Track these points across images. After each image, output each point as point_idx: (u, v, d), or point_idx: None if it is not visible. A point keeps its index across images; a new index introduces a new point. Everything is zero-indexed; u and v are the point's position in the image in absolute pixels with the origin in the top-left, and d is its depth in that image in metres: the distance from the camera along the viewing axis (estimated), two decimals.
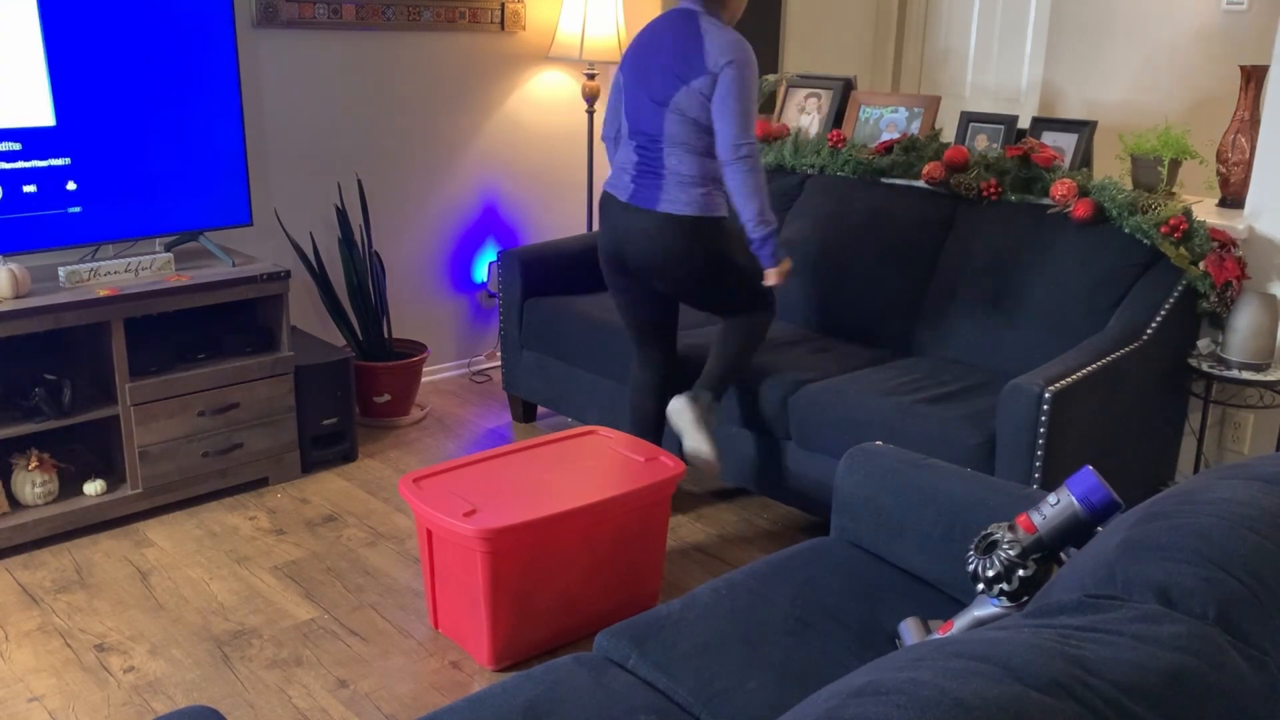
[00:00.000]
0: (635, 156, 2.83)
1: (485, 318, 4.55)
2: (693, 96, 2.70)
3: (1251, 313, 2.89)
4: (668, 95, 2.73)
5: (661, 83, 2.75)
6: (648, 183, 2.77)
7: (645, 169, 2.80)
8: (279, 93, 3.76)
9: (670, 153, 2.75)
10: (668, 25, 2.79)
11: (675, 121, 2.73)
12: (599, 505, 2.48)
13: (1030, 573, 1.58)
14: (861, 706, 0.88)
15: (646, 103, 2.79)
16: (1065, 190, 3.09)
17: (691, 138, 2.74)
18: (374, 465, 3.59)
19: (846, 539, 2.17)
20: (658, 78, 2.76)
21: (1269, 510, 1.16)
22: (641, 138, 2.81)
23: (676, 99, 2.71)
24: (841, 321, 3.47)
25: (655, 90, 2.76)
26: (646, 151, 2.80)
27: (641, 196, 2.77)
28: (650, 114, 2.77)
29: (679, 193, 2.74)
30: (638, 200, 2.78)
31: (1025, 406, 2.55)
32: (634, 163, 2.83)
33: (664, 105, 2.73)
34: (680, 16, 2.77)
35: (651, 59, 2.78)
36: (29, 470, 2.99)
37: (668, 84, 2.73)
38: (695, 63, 2.68)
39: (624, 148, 2.90)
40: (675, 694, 1.69)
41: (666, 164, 2.75)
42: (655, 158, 2.78)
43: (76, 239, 3.07)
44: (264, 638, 2.60)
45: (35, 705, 2.34)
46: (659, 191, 2.74)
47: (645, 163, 2.80)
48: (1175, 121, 4.09)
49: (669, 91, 2.73)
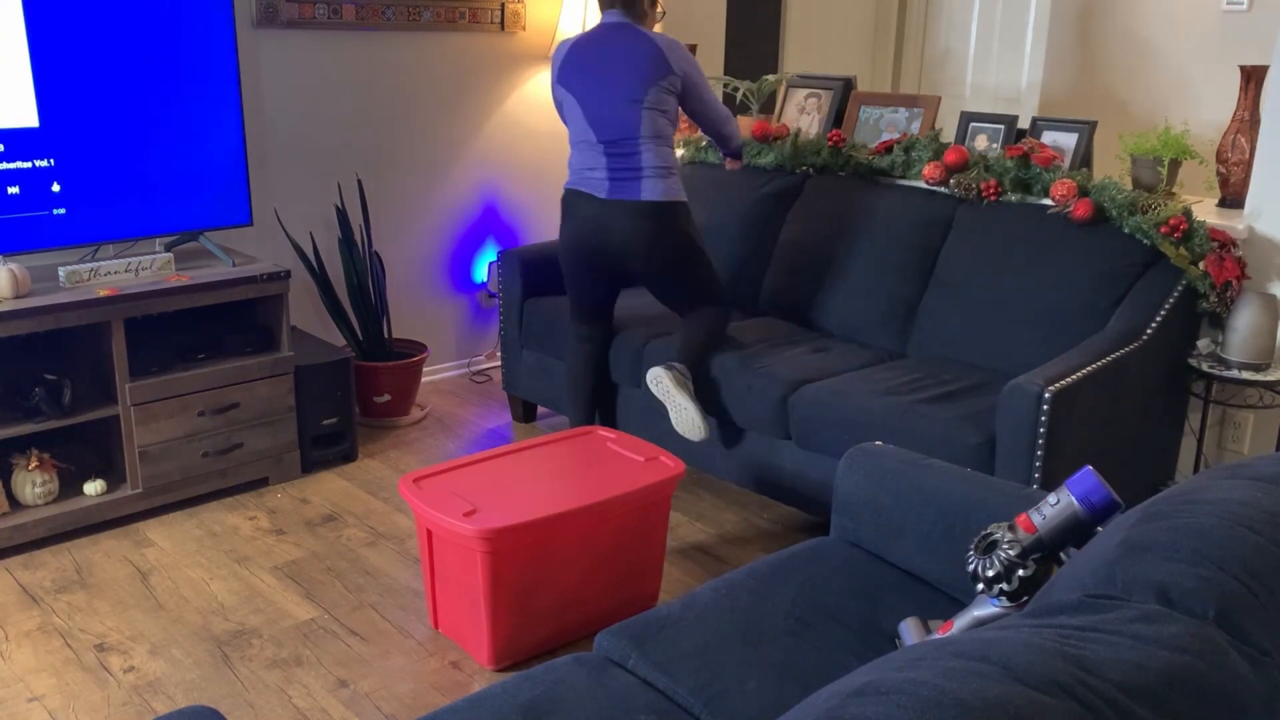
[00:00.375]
0: (605, 158, 3.07)
1: (485, 318, 4.55)
2: (663, 93, 3.02)
3: (1251, 313, 2.89)
4: (641, 94, 3.01)
5: (629, 84, 3.02)
6: (625, 177, 3.03)
7: (620, 166, 3.05)
8: (279, 93, 3.76)
9: (645, 147, 3.03)
10: (609, 35, 3.08)
11: (651, 117, 3.02)
12: (599, 505, 2.48)
13: (1030, 573, 1.58)
14: (861, 706, 0.88)
15: (619, 103, 3.03)
16: (1065, 190, 3.09)
17: (665, 129, 3.07)
18: (374, 465, 3.59)
19: (846, 539, 2.17)
20: (623, 80, 3.02)
21: (1269, 510, 1.16)
22: (612, 138, 3.05)
23: (650, 96, 3.01)
24: (841, 321, 3.47)
25: (627, 90, 3.02)
26: (618, 149, 3.05)
27: (620, 190, 3.03)
28: (625, 113, 3.03)
29: (656, 182, 3.03)
30: (617, 194, 3.03)
31: (1025, 406, 2.55)
32: (604, 164, 3.07)
33: (639, 103, 3.01)
34: (617, 29, 3.08)
35: (609, 66, 3.04)
36: (29, 470, 2.99)
37: (636, 84, 3.01)
38: (660, 64, 3.01)
39: (586, 151, 3.12)
40: (675, 694, 1.69)
41: (643, 159, 3.03)
42: (630, 154, 3.04)
43: (63, 240, 3.06)
44: (264, 638, 2.60)
45: (35, 705, 2.34)
46: (638, 184, 3.02)
47: (619, 160, 3.05)
48: (1175, 121, 4.09)
49: (642, 90, 3.01)
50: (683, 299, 3.10)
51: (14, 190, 2.96)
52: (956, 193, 3.34)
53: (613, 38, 3.07)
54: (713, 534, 3.18)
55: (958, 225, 3.33)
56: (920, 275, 3.35)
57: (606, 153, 3.06)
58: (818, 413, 2.93)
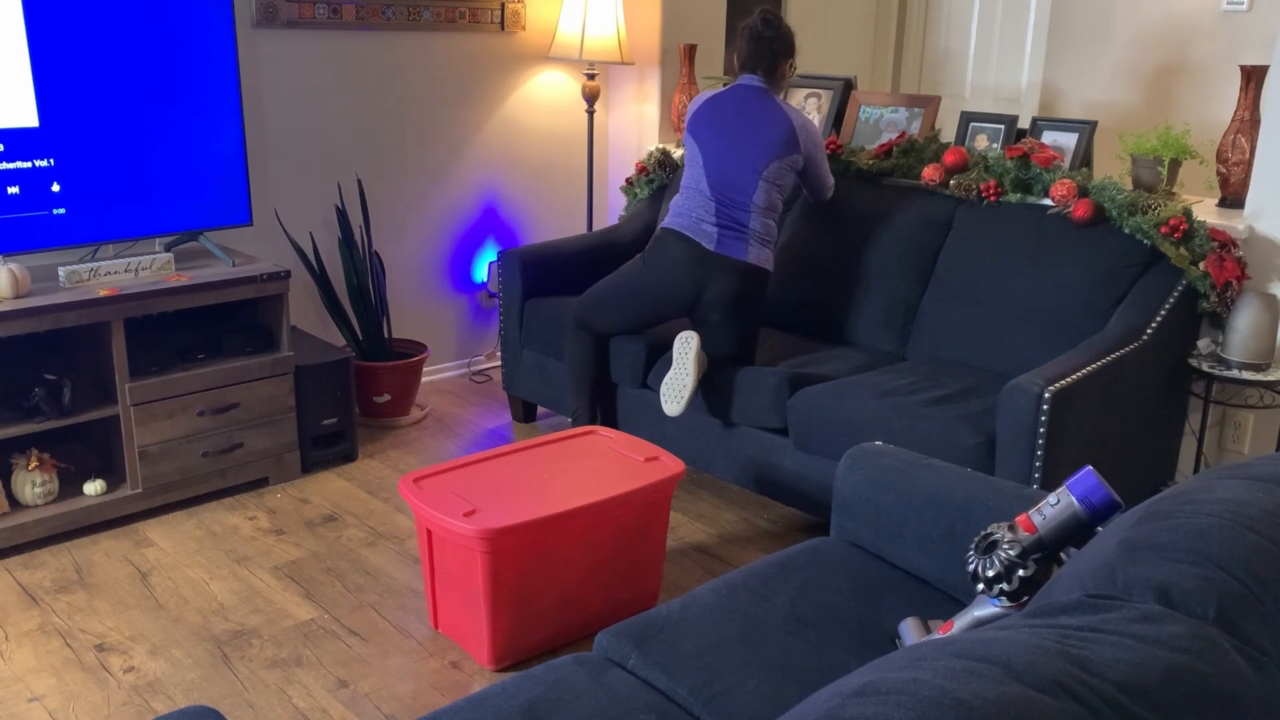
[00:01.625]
0: (715, 215, 3.20)
1: (485, 318, 4.55)
2: (784, 169, 3.18)
3: (1251, 313, 2.89)
4: (763, 165, 3.15)
5: (756, 154, 3.15)
6: (732, 236, 3.18)
7: (728, 224, 3.19)
8: (279, 93, 3.76)
9: (754, 215, 3.18)
10: (749, 101, 3.20)
11: (766, 189, 3.17)
12: (599, 505, 2.48)
13: (1030, 573, 1.58)
14: (862, 706, 0.88)
15: (741, 168, 3.17)
16: (1065, 190, 3.09)
17: (776, 203, 3.22)
18: (374, 465, 3.59)
19: (846, 539, 2.17)
20: (752, 149, 3.16)
21: (1269, 510, 1.16)
22: (727, 196, 3.19)
23: (770, 169, 3.15)
24: (841, 323, 3.47)
25: (752, 160, 3.16)
26: (729, 209, 3.19)
27: (728, 247, 3.18)
28: (743, 178, 3.17)
29: (760, 249, 3.20)
30: (723, 250, 3.18)
31: (1025, 406, 2.55)
32: (714, 215, 3.20)
33: (758, 173, 3.15)
34: (757, 95, 3.21)
35: (741, 131, 3.18)
36: (29, 470, 2.99)
37: (762, 156, 3.15)
38: (790, 143, 3.16)
39: (698, 197, 3.23)
40: (675, 694, 1.69)
41: (750, 225, 3.18)
42: (740, 218, 3.18)
43: (63, 240, 3.06)
44: (264, 638, 2.60)
45: (35, 705, 2.34)
46: (744, 245, 3.18)
47: (728, 218, 3.19)
48: (1175, 121, 4.09)
49: (765, 163, 3.15)
50: (731, 351, 3.20)
51: (14, 190, 2.96)
52: (956, 194, 3.34)
53: (751, 105, 3.19)
54: (713, 534, 3.18)
55: (957, 226, 3.33)
56: (920, 276, 3.35)
57: (719, 207, 3.19)
58: (818, 415, 2.93)
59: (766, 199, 3.17)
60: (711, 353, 3.18)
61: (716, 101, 3.25)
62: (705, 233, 3.19)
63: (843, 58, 5.40)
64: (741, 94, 3.22)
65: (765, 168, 3.14)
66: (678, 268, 3.21)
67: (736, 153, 3.17)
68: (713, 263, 3.17)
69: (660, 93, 4.43)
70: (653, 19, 4.37)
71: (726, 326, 3.19)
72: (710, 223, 3.19)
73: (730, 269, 3.16)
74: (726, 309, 3.18)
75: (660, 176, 4.14)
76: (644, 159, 4.20)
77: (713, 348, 3.19)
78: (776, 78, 3.24)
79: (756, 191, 3.15)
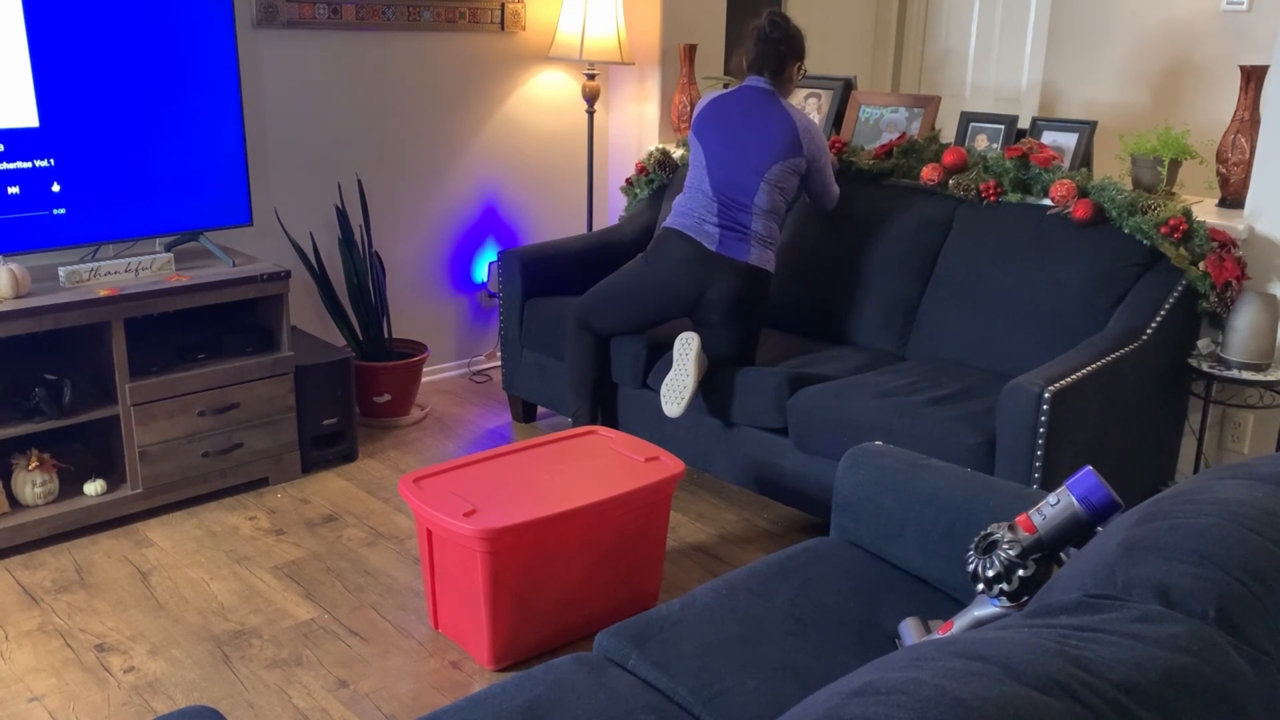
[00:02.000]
0: (717, 214, 3.19)
1: (485, 318, 4.55)
2: (786, 172, 3.17)
3: (1251, 313, 2.89)
4: (766, 168, 3.14)
5: (759, 156, 3.15)
6: (734, 237, 3.18)
7: (730, 225, 3.18)
8: (279, 93, 3.76)
9: (756, 218, 3.18)
10: (754, 102, 3.20)
11: (768, 191, 3.15)
12: (599, 505, 2.48)
13: (1030, 573, 1.58)
14: (861, 706, 0.88)
15: (744, 170, 3.16)
16: (1065, 191, 3.09)
17: (779, 206, 3.21)
18: (374, 465, 3.59)
19: (846, 539, 2.17)
20: (755, 151, 3.15)
21: (1269, 510, 1.16)
22: (729, 197, 3.18)
23: (773, 171, 3.14)
24: (841, 323, 3.47)
25: (755, 161, 3.15)
26: (731, 210, 3.18)
27: (729, 248, 3.17)
28: (745, 180, 3.16)
29: (761, 250, 3.20)
30: (725, 250, 3.17)
31: (1025, 406, 2.55)
32: (716, 216, 3.19)
33: (760, 175, 3.14)
34: (763, 97, 3.20)
35: (745, 133, 3.18)
36: (29, 470, 2.99)
37: (765, 158, 3.14)
38: (793, 146, 3.15)
39: (700, 198, 3.23)
40: (675, 694, 1.69)
41: (752, 226, 3.18)
42: (742, 219, 3.18)
43: (63, 240, 3.06)
44: (264, 638, 2.60)
45: (35, 705, 2.34)
46: (746, 247, 3.17)
47: (730, 219, 3.18)
48: (1175, 121, 4.09)
49: (768, 165, 3.14)
50: (732, 352, 3.20)
51: (14, 190, 2.96)
52: (956, 194, 3.34)
53: (756, 106, 3.19)
54: (713, 534, 3.18)
55: (957, 226, 3.33)
56: (920, 276, 3.35)
57: (721, 208, 3.19)
58: (817, 415, 2.93)
59: (768, 201, 3.16)
60: (712, 353, 3.18)
61: (721, 102, 3.25)
62: (707, 233, 3.19)
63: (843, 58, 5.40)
64: (747, 95, 3.23)
65: (768, 170, 3.14)
66: (679, 267, 3.21)
67: (739, 154, 3.17)
68: (714, 263, 3.17)
69: (660, 93, 4.43)
70: (653, 19, 4.38)
71: (727, 327, 3.19)
72: (712, 223, 3.19)
73: (732, 270, 3.16)
74: (727, 310, 3.18)
75: (660, 177, 4.15)
76: (644, 159, 4.20)
77: (713, 348, 3.19)
78: (783, 80, 3.24)
79: (758, 193, 3.15)
